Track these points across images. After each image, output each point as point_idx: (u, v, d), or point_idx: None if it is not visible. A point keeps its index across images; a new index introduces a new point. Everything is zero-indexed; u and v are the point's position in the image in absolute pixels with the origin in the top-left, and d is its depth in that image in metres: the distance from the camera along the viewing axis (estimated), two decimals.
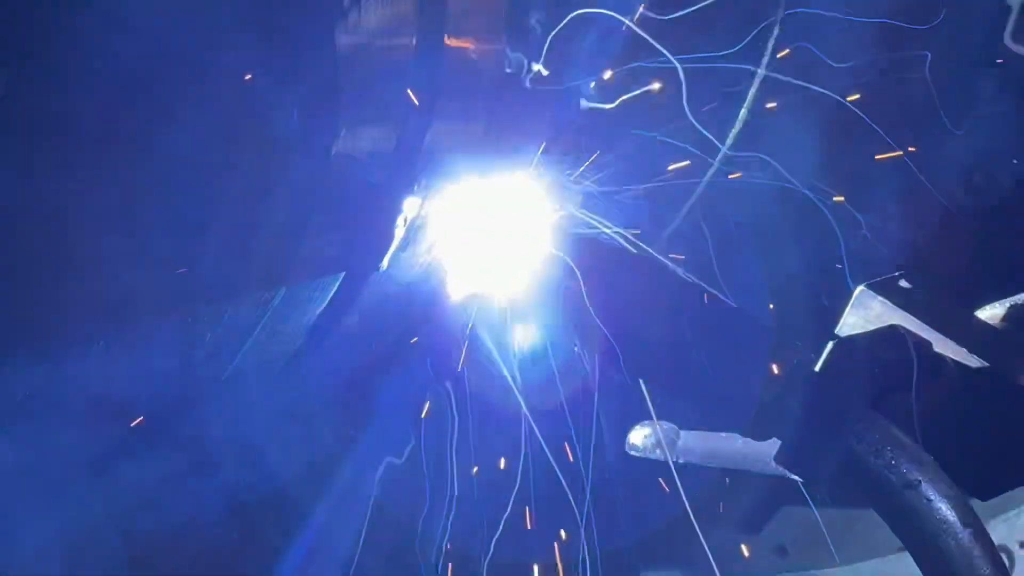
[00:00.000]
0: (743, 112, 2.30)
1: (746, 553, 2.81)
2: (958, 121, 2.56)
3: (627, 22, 2.39)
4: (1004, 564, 1.55)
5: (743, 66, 2.48)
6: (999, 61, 2.63)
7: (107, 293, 2.03)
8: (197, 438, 2.22)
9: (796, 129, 2.42)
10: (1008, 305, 1.87)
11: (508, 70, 2.21)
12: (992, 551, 1.53)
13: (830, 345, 1.74)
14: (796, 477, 1.72)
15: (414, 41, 2.11)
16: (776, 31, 2.46)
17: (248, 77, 2.01)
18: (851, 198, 2.44)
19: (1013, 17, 2.40)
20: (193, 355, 2.14)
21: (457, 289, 2.26)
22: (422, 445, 2.48)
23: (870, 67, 2.61)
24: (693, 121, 2.30)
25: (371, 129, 2.17)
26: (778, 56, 2.51)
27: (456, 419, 2.38)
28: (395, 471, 2.56)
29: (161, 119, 1.95)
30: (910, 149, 2.49)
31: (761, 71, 2.44)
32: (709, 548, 2.63)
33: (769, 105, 2.46)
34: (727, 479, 2.69)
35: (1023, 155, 2.58)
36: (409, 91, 2.12)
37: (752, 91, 2.31)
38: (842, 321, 1.81)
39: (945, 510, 1.54)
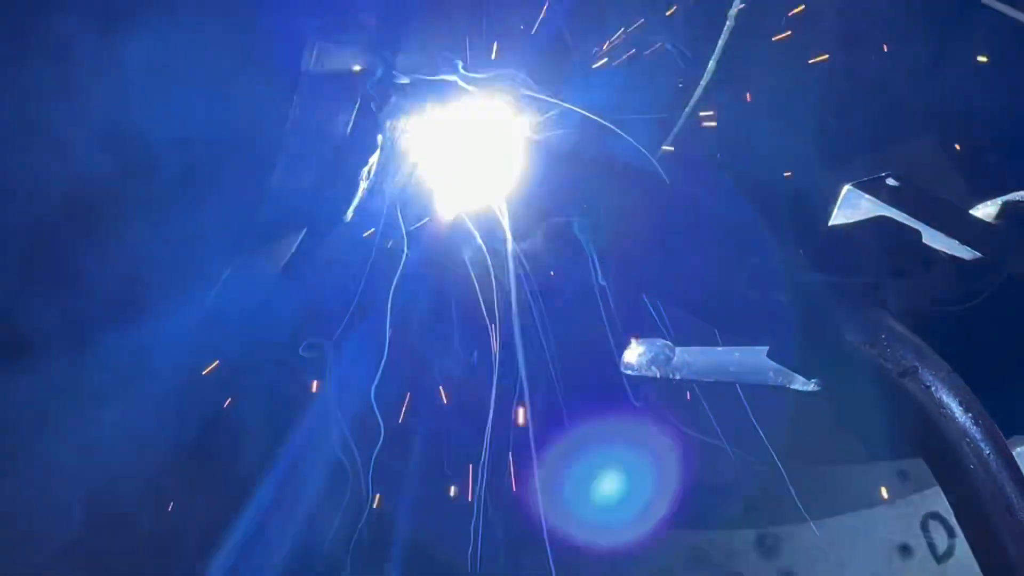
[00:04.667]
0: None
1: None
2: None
3: None
4: (1005, 443, 1.52)
5: None
6: None
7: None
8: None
9: None
10: (1002, 203, 1.85)
11: None
12: (994, 431, 1.49)
13: (816, 236, 1.73)
14: (792, 385, 1.70)
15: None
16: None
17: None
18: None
19: None
20: None
21: (445, 210, 2.26)
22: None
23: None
24: None
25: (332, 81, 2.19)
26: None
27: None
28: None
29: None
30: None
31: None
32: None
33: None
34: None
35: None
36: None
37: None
38: (831, 220, 1.80)
39: (944, 394, 1.50)
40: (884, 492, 3.03)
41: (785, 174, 2.48)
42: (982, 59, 2.65)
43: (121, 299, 2.12)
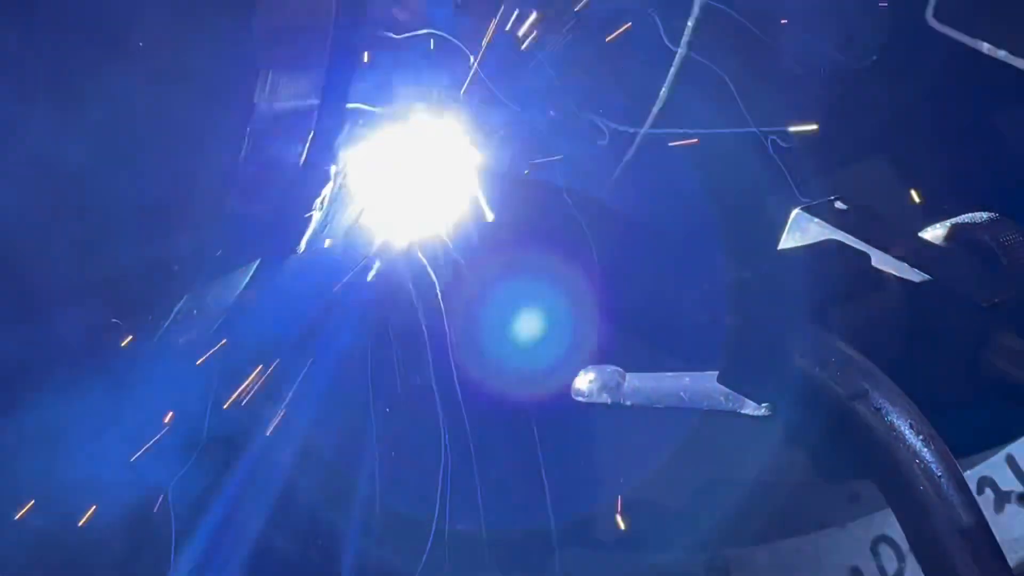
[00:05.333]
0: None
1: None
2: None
3: None
4: (956, 466, 1.53)
5: None
6: None
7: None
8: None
9: None
10: (950, 225, 1.88)
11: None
12: (944, 452, 1.50)
13: (765, 260, 1.75)
14: (743, 410, 1.71)
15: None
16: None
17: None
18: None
19: None
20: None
21: (393, 243, 2.26)
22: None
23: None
24: None
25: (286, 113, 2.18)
26: None
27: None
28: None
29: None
30: None
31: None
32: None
33: None
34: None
35: None
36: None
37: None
38: (780, 245, 1.82)
39: (895, 417, 1.51)
40: (834, 515, 3.05)
41: (734, 196, 2.53)
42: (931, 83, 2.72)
43: (72, 328, 2.11)
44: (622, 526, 2.79)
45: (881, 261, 1.77)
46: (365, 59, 2.32)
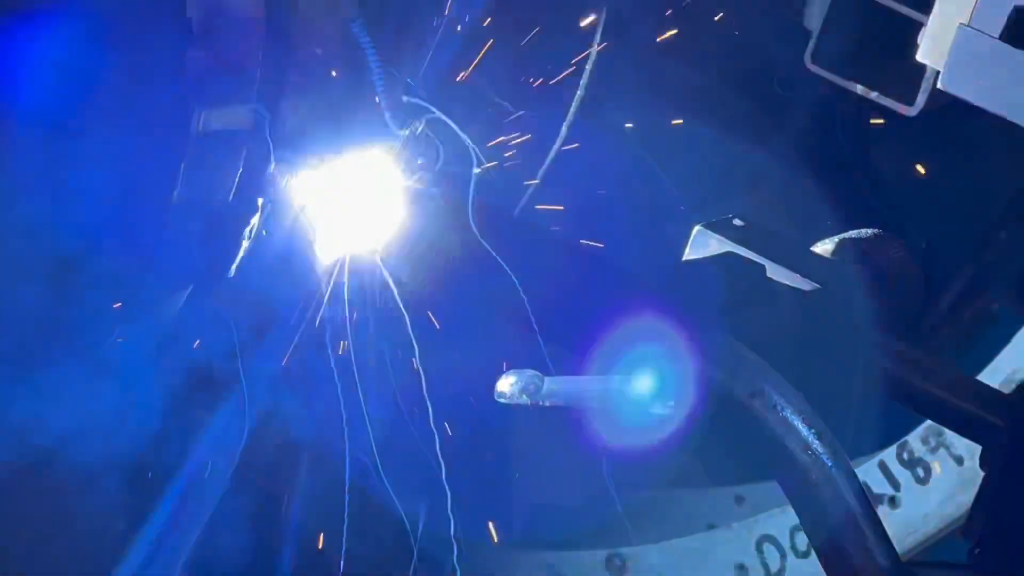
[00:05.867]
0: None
1: None
2: None
3: None
4: (847, 457, 1.67)
5: None
6: None
7: None
8: None
9: None
10: (838, 239, 2.04)
11: None
12: (836, 447, 1.64)
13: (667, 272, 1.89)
14: (652, 410, 1.82)
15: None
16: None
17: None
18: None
19: (813, 40, 2.60)
20: None
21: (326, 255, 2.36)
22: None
23: None
24: None
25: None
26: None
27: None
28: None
29: None
30: None
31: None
32: None
33: None
34: None
35: None
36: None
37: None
38: (683, 259, 1.96)
39: (790, 414, 1.65)
40: (722, 517, 3.22)
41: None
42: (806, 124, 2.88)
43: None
44: (519, 525, 2.88)
45: (775, 272, 1.93)
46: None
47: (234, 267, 2.35)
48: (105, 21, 2.07)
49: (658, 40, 2.79)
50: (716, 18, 2.79)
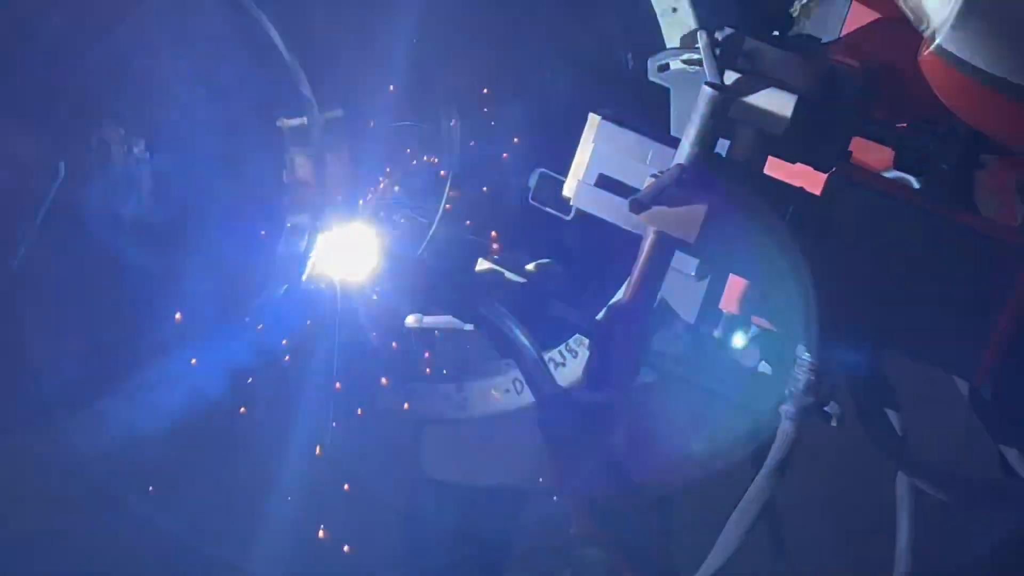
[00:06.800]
0: None
1: None
2: None
3: None
4: (540, 352, 2.17)
5: None
6: None
7: None
8: None
9: None
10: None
11: None
12: (531, 341, 2.16)
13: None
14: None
15: None
16: None
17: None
18: None
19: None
20: None
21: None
22: None
23: None
24: None
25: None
26: None
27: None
28: None
29: None
30: None
31: None
32: None
33: None
34: None
35: None
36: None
37: None
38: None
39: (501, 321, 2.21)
40: None
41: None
42: None
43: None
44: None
45: None
46: None
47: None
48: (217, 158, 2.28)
49: None
50: None
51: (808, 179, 2.05)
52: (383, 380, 2.78)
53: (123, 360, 2.32)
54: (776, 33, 2.26)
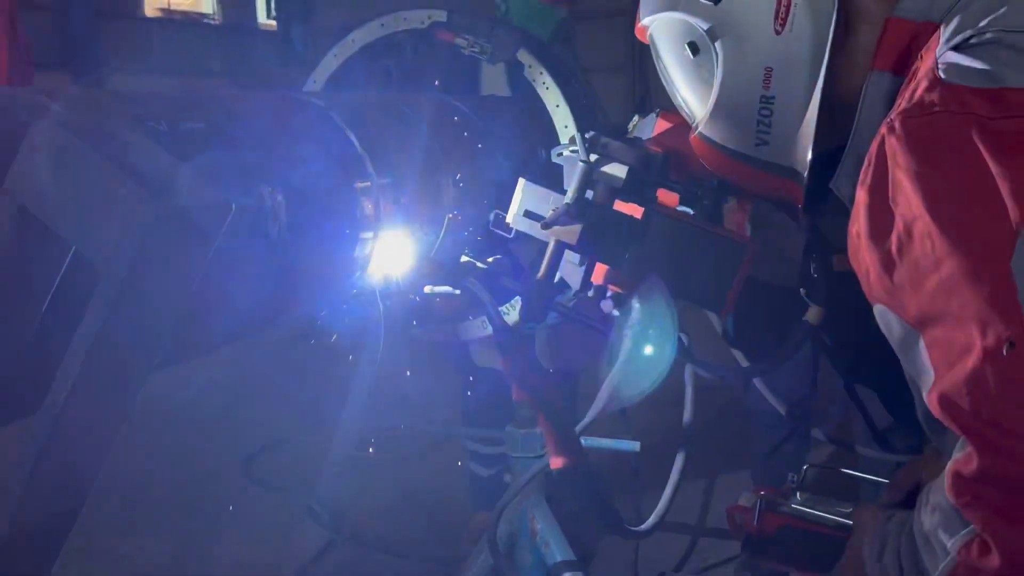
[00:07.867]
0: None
1: None
2: None
3: None
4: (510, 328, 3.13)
5: None
6: None
7: None
8: None
9: None
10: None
11: None
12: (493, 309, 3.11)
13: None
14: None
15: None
16: None
17: None
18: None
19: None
20: None
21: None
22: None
23: None
24: None
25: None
26: None
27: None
28: None
29: None
30: None
31: None
32: None
33: None
34: None
35: None
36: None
37: None
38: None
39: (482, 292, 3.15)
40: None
41: None
42: None
43: None
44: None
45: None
46: None
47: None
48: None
49: None
50: None
51: (636, 211, 2.88)
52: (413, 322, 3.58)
53: (288, 307, 2.96)
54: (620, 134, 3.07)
